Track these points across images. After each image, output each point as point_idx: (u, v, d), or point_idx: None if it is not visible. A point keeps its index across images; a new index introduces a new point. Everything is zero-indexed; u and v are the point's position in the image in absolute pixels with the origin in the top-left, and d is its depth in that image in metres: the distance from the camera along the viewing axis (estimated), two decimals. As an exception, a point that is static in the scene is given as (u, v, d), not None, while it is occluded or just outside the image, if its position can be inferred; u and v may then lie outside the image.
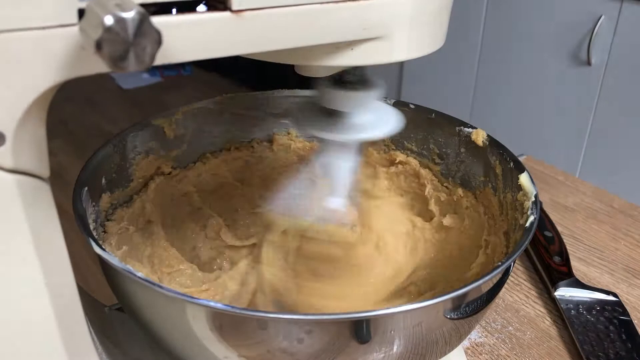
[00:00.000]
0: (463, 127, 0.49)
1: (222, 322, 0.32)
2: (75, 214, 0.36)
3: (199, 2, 0.26)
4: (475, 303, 0.35)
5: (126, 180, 0.46)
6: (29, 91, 0.25)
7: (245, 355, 0.33)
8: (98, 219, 0.41)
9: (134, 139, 0.46)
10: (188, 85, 1.09)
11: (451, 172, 0.51)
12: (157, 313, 0.34)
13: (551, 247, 0.59)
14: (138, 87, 1.11)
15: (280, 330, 0.31)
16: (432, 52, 0.33)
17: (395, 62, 0.32)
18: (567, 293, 0.54)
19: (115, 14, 0.21)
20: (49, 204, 0.30)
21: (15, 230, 0.28)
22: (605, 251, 0.62)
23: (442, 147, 0.51)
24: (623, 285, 0.57)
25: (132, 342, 0.43)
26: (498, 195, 0.46)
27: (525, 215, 0.40)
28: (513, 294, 0.56)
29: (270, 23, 0.27)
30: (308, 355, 0.32)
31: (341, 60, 0.31)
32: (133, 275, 0.32)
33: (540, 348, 0.50)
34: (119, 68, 0.22)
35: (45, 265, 0.29)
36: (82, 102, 1.00)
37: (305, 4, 0.28)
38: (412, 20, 0.31)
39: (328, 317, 0.32)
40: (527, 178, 0.42)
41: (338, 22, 0.29)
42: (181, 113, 0.49)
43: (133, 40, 0.22)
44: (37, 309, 0.30)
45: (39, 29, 0.24)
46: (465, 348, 0.50)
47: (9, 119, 0.25)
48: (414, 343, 0.34)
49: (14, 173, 0.27)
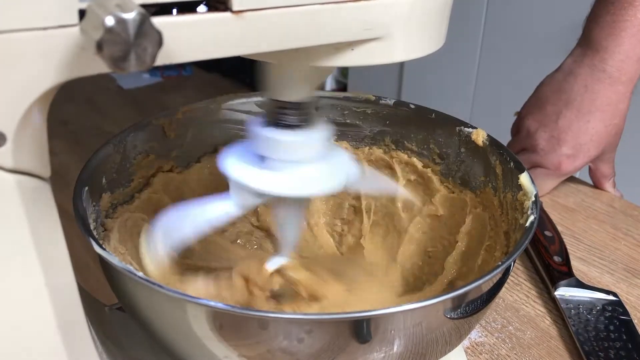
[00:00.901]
0: (463, 127, 0.49)
1: (222, 321, 0.32)
2: (75, 213, 0.36)
3: (200, 2, 0.26)
4: (476, 303, 0.35)
5: (127, 180, 0.46)
6: (30, 91, 0.25)
7: (246, 355, 0.33)
8: (98, 218, 0.41)
9: (134, 138, 0.46)
10: (188, 86, 1.09)
11: (451, 172, 0.51)
12: (157, 313, 0.34)
13: (551, 247, 0.59)
14: (138, 87, 1.11)
15: (280, 330, 0.31)
16: (432, 52, 0.33)
17: (395, 62, 0.32)
18: (567, 293, 0.54)
19: (116, 15, 0.21)
20: (50, 204, 0.30)
21: (16, 230, 0.28)
22: (605, 251, 0.62)
23: (442, 147, 0.51)
24: (623, 285, 0.57)
25: (132, 342, 0.43)
26: (498, 195, 0.46)
27: (526, 215, 0.40)
28: (513, 294, 0.56)
29: (270, 23, 0.27)
30: (308, 355, 0.32)
31: (341, 60, 0.31)
32: (133, 275, 0.32)
33: (540, 348, 0.50)
34: (119, 69, 0.22)
35: (45, 265, 0.29)
36: (82, 102, 1.00)
37: (305, 4, 0.28)
38: (412, 20, 0.31)
39: (328, 317, 0.32)
40: (527, 178, 0.42)
41: (338, 23, 0.29)
42: (181, 113, 0.50)
43: (134, 41, 0.22)
44: (37, 309, 0.30)
45: (40, 29, 0.24)
46: (465, 348, 0.50)
47: (9, 119, 0.26)
48: (414, 343, 0.34)
49: (15, 173, 0.27)
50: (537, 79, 0.71)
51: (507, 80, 1.55)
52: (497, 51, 1.56)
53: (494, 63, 1.58)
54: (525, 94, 0.72)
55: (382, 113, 0.53)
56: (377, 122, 0.53)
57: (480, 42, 1.60)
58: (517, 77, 1.55)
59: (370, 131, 0.53)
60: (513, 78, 1.53)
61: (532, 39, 1.46)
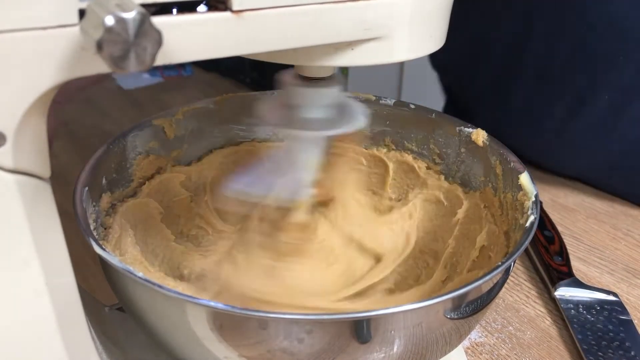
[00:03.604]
0: (463, 127, 0.49)
1: (222, 322, 0.32)
2: (75, 213, 0.36)
3: (200, 2, 0.26)
4: (476, 303, 0.35)
5: (126, 180, 0.46)
6: (30, 91, 0.25)
7: (246, 355, 0.33)
8: (98, 219, 0.41)
9: (134, 139, 0.46)
10: (188, 86, 1.09)
11: (451, 172, 0.51)
12: (157, 313, 0.34)
13: (551, 247, 0.59)
14: (138, 88, 1.11)
15: (280, 330, 0.31)
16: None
17: (395, 62, 0.32)
18: (567, 293, 0.54)
19: (116, 14, 0.21)
20: (50, 204, 0.30)
21: (16, 230, 0.28)
22: (605, 251, 0.62)
23: (442, 147, 0.51)
24: (623, 285, 0.57)
25: (132, 342, 0.43)
26: (498, 195, 0.46)
27: (526, 215, 0.40)
28: (513, 294, 0.56)
29: (270, 23, 0.27)
30: (308, 355, 0.32)
31: (341, 60, 0.31)
32: (133, 275, 0.32)
33: (540, 348, 0.50)
34: (119, 68, 0.22)
35: (45, 265, 0.29)
36: (82, 103, 1.00)
37: (305, 4, 0.28)
38: (412, 20, 0.31)
39: (328, 317, 0.32)
40: (528, 178, 0.42)
41: (338, 22, 0.29)
42: (181, 113, 0.50)
43: (134, 41, 0.22)
44: (37, 309, 0.30)
45: (40, 29, 0.24)
46: (466, 348, 0.50)
47: (9, 119, 0.26)
48: (414, 343, 0.34)
49: (15, 173, 0.27)
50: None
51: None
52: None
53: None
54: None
55: (382, 113, 0.53)
56: (377, 122, 0.53)
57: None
58: (517, 77, 1.54)
59: (370, 131, 0.53)
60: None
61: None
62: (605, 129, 0.65)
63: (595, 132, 0.66)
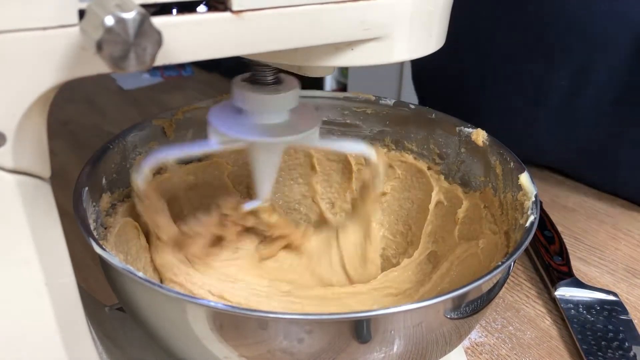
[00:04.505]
0: (463, 127, 0.49)
1: (222, 322, 0.32)
2: (75, 214, 0.36)
3: (200, 2, 0.26)
4: (476, 303, 0.35)
5: (126, 180, 0.46)
6: (30, 92, 0.25)
7: (246, 355, 0.33)
8: (98, 219, 0.41)
9: (134, 139, 0.46)
10: (189, 86, 1.10)
11: (451, 172, 0.51)
12: (157, 313, 0.34)
13: (551, 247, 0.59)
14: (138, 88, 1.11)
15: (280, 330, 0.31)
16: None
17: (395, 62, 0.32)
18: (567, 293, 0.54)
19: (116, 15, 0.21)
20: (50, 204, 0.30)
21: (16, 231, 0.28)
22: (605, 251, 0.62)
23: (442, 147, 0.51)
24: (623, 285, 0.57)
25: (132, 342, 0.43)
26: (498, 195, 0.46)
27: (526, 215, 0.40)
28: (513, 294, 0.56)
29: (270, 23, 0.27)
30: (308, 355, 0.32)
31: (341, 60, 0.31)
32: (133, 275, 0.32)
33: (540, 348, 0.50)
34: (119, 68, 0.22)
35: (45, 265, 0.29)
36: (82, 103, 1.00)
37: (305, 4, 0.28)
38: (412, 20, 0.31)
39: (328, 317, 0.32)
40: (528, 178, 0.42)
41: (338, 23, 0.29)
42: (181, 113, 0.50)
43: (133, 41, 0.22)
44: (38, 309, 0.30)
45: (40, 29, 0.24)
46: (466, 348, 0.50)
47: (9, 119, 0.26)
48: (414, 343, 0.34)
49: (15, 173, 0.27)
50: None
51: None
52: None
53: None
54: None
55: (382, 113, 0.53)
56: (377, 122, 0.53)
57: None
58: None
59: (370, 131, 0.53)
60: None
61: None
62: (565, 116, 0.68)
63: (558, 119, 0.69)
